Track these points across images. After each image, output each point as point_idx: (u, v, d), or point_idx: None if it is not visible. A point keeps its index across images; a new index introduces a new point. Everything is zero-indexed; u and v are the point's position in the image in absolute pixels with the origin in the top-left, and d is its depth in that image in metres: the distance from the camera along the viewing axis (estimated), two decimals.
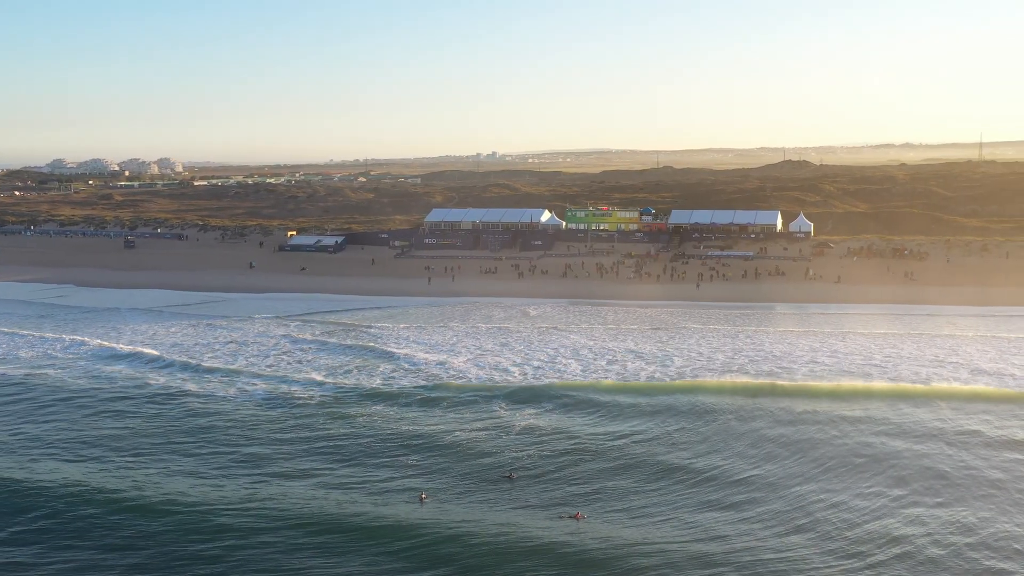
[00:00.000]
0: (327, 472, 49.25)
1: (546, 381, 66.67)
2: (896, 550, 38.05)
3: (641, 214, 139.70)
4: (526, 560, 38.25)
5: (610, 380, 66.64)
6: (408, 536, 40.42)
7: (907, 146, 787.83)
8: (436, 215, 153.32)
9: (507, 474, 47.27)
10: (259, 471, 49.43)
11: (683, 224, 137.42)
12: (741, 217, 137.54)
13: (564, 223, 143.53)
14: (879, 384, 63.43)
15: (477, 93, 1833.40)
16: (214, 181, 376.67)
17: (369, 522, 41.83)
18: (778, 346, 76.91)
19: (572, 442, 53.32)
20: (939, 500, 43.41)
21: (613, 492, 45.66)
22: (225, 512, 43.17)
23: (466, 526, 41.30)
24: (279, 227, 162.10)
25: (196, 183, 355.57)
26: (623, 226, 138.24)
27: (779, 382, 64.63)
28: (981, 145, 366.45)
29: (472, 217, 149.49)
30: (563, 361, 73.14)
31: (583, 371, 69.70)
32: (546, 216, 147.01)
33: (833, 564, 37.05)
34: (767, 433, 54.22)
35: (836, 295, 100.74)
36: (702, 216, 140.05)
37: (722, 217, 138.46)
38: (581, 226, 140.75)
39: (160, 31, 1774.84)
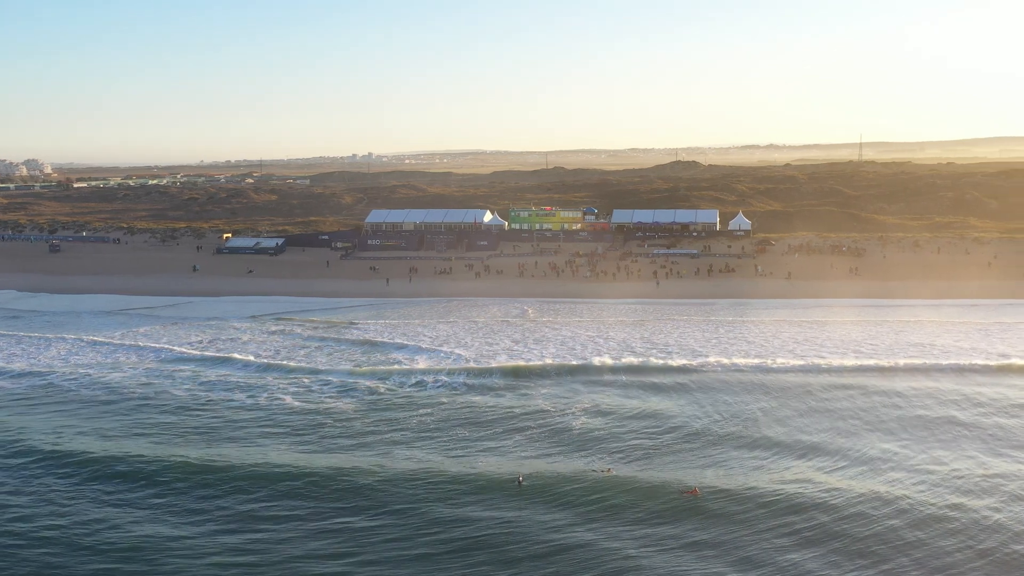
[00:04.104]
0: (416, 455, 51.79)
1: (583, 365, 71.26)
2: (981, 494, 43.99)
3: (584, 214, 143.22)
4: (666, 528, 41.32)
5: (655, 361, 71.86)
6: (510, 518, 42.90)
7: (772, 147, 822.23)
8: (376, 216, 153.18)
9: (604, 470, 48.96)
10: (368, 453, 51.89)
11: (626, 223, 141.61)
12: (682, 216, 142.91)
13: (507, 223, 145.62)
14: (905, 361, 70.96)
15: (347, 95, 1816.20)
16: (94, 183, 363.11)
17: (471, 506, 44.29)
18: (772, 338, 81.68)
19: (644, 421, 57.08)
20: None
21: (714, 466, 49.18)
22: (350, 490, 46.40)
23: (567, 506, 43.98)
24: (211, 229, 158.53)
25: (76, 185, 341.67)
26: (567, 226, 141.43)
27: (798, 361, 71.17)
28: (861, 146, 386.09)
29: (414, 218, 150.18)
30: (583, 349, 77.02)
31: (611, 357, 73.63)
32: (488, 216, 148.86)
33: (937, 499, 43.44)
34: (815, 406, 60.05)
35: (797, 291, 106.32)
36: (644, 216, 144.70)
37: (663, 216, 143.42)
38: (525, 226, 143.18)
39: (17, 34, 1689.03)
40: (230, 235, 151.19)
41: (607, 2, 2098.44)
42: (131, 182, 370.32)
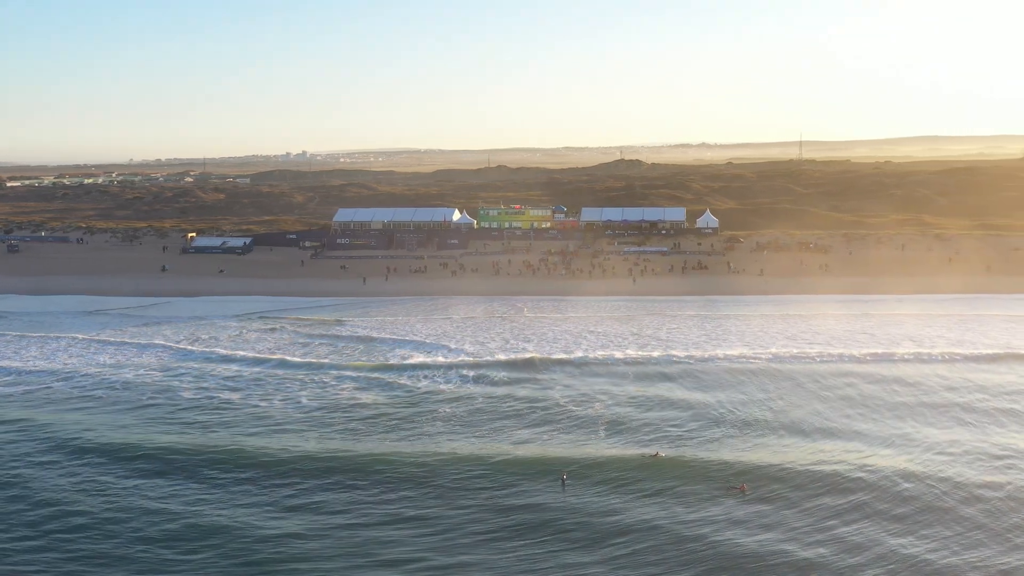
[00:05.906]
0: (454, 446, 53.25)
1: (588, 358, 73.74)
2: (1002, 470, 46.59)
3: (554, 212, 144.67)
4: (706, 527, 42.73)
5: (658, 354, 74.60)
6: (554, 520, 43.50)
7: (704, 146, 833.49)
8: (344, 215, 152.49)
9: (653, 453, 50.63)
10: (406, 445, 52.78)
11: (596, 221, 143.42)
12: (650, 214, 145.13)
13: (476, 222, 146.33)
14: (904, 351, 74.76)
15: (276, 93, 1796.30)
16: (27, 182, 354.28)
17: (524, 493, 45.84)
18: (762, 333, 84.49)
19: (667, 411, 59.30)
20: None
21: (749, 450, 51.34)
22: (397, 479, 47.43)
23: (615, 506, 44.80)
24: (173, 229, 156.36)
25: (10, 184, 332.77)
26: (536, 224, 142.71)
27: (796, 352, 74.30)
28: (801, 144, 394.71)
29: (382, 217, 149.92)
30: (582, 344, 79.32)
31: (614, 350, 76.35)
32: (457, 215, 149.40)
33: (963, 475, 46.15)
34: (825, 393, 63.15)
35: (774, 287, 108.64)
36: (613, 214, 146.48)
37: (632, 214, 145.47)
38: (494, 225, 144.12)
39: None
40: (195, 234, 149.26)
41: (533, 3, 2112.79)
42: (66, 181, 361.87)
